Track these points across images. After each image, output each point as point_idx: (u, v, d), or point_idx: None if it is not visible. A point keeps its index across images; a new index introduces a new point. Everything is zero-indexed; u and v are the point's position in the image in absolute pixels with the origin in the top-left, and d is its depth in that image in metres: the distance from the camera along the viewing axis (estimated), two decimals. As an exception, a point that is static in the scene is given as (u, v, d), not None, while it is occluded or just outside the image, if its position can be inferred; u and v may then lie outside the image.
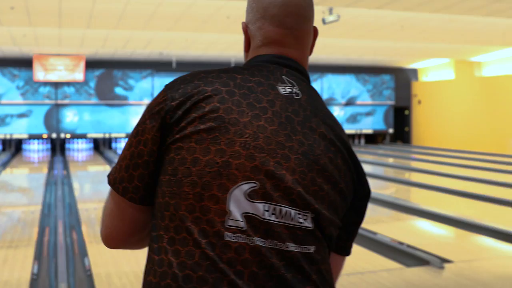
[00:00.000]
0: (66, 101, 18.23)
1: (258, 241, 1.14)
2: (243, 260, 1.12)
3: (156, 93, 18.95)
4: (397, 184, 10.93)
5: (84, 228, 6.81)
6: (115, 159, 14.71)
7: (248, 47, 1.39)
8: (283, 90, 1.25)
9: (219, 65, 19.31)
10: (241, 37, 13.86)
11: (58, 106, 18.19)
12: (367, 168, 12.96)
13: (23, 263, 5.21)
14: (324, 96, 20.77)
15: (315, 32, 1.43)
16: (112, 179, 1.27)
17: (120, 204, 1.26)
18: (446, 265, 5.06)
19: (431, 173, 12.11)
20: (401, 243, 5.85)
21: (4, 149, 17.99)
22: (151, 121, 1.22)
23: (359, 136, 21.68)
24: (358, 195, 1.33)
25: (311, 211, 1.19)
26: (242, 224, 1.14)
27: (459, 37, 14.05)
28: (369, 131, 21.57)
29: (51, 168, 13.73)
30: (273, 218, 1.15)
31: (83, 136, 18.60)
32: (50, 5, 9.79)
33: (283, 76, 1.28)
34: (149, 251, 1.22)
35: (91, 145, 19.03)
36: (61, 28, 12.12)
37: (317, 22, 10.85)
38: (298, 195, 1.17)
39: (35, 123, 17.96)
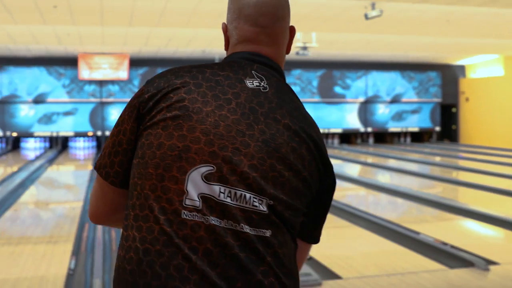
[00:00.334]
0: (110, 99, 18.45)
1: (214, 221, 1.22)
2: (198, 237, 1.21)
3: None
4: (444, 183, 10.63)
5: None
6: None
7: (228, 46, 1.48)
8: (251, 83, 1.34)
9: (262, 62, 19.21)
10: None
11: (102, 104, 18.44)
12: (412, 166, 12.68)
13: (61, 259, 5.22)
14: (369, 93, 20.48)
15: (291, 31, 1.50)
16: (97, 165, 1.39)
17: (103, 186, 1.39)
18: (492, 267, 4.84)
19: (479, 172, 11.76)
20: (445, 244, 5.64)
21: (51, 147, 18.32)
22: (129, 112, 1.35)
23: (404, 134, 21.30)
24: (324, 185, 1.39)
25: (267, 196, 1.25)
26: (198, 203, 1.23)
27: (508, 33, 13.61)
28: (415, 129, 21.15)
29: (95, 165, 13.87)
30: (228, 200, 1.23)
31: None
32: (91, 3, 9.87)
33: (253, 71, 1.37)
34: (122, 228, 1.33)
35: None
36: (104, 26, 12.24)
37: (359, 18, 10.66)
38: (254, 180, 1.24)
39: (80, 121, 18.24)
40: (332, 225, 7.02)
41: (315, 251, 5.42)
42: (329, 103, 20.26)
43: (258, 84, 1.34)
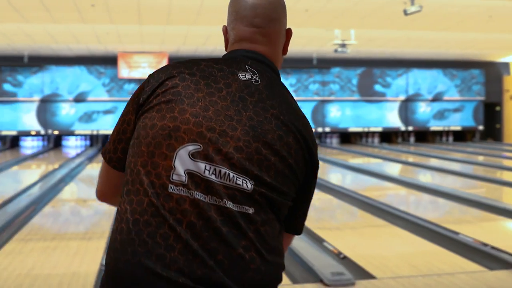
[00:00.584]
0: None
1: (198, 195, 1.30)
2: (183, 210, 1.29)
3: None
4: (487, 183, 10.33)
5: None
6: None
7: (227, 47, 1.58)
8: (243, 76, 1.42)
9: (301, 61, 19.13)
10: (323, 31, 13.68)
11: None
12: (455, 166, 12.37)
13: (93, 255, 5.23)
14: (410, 91, 20.14)
15: (288, 33, 1.59)
16: (103, 149, 1.52)
17: (107, 169, 1.52)
18: (534, 269, 4.64)
19: (523, 171, 11.41)
20: (485, 245, 5.44)
21: (91, 145, 18.56)
22: (133, 104, 1.46)
23: (446, 133, 20.88)
24: (310, 173, 1.46)
25: (250, 177, 1.32)
26: (184, 179, 1.31)
27: (555, 27, 13.19)
28: (458, 128, 20.71)
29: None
30: (213, 177, 1.31)
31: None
32: (128, 1, 9.92)
33: (247, 66, 1.45)
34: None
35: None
36: (142, 25, 12.31)
37: (398, 14, 10.45)
38: (238, 160, 1.32)
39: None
40: (368, 224, 6.89)
41: (350, 250, 5.30)
42: (369, 101, 20.01)
43: (250, 77, 1.43)
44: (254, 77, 1.43)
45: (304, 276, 4.72)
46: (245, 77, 1.42)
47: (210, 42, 15.43)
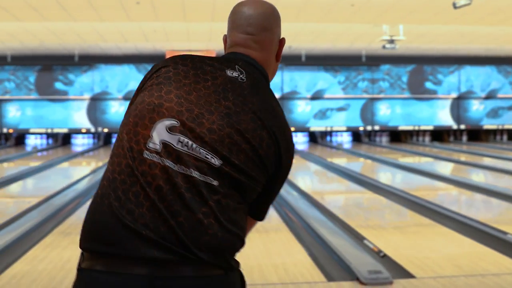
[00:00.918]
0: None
1: (168, 163, 1.45)
2: (153, 174, 1.44)
3: (285, 88, 18.97)
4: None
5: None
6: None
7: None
8: (230, 73, 1.56)
9: (350, 58, 18.88)
10: (370, 27, 13.42)
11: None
12: (510, 165, 11.91)
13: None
14: (462, 89, 19.59)
15: (281, 42, 1.71)
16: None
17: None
18: None
19: None
20: (535, 245, 5.17)
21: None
22: (137, 89, 1.63)
23: (501, 131, 20.22)
24: (279, 171, 1.57)
25: (219, 156, 1.46)
26: (158, 147, 1.46)
27: None
28: (512, 127, 20.05)
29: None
30: (185, 149, 1.46)
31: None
32: (173, -2, 9.95)
33: (236, 66, 1.59)
34: None
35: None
36: (187, 22, 12.33)
37: (448, 7, 10.12)
38: (210, 140, 1.47)
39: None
40: (414, 223, 6.68)
41: (391, 249, 5.13)
42: (420, 99, 19.56)
43: (237, 75, 1.57)
44: (241, 75, 1.57)
45: (340, 274, 4.58)
46: (232, 74, 1.56)
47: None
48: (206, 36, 14.86)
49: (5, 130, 18.17)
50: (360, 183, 9.29)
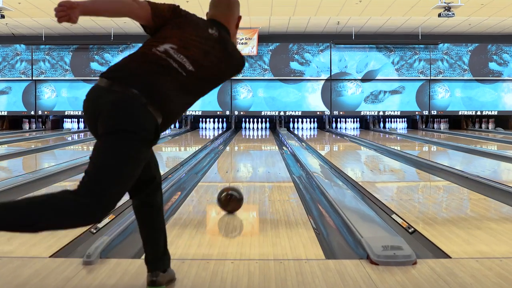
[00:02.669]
0: (239, 77, 17.59)
1: (164, 56, 2.42)
2: (156, 58, 2.42)
3: (334, 69, 17.65)
4: None
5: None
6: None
7: None
8: (211, 30, 2.58)
9: (405, 36, 17.40)
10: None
11: (231, 82, 17.64)
12: None
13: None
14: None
15: (238, 18, 2.78)
16: None
17: None
18: None
19: None
20: None
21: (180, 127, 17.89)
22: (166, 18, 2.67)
23: None
24: None
25: (196, 68, 2.48)
26: (162, 50, 2.43)
27: None
28: None
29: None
30: (175, 56, 2.43)
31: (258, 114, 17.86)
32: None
33: (211, 24, 2.63)
34: None
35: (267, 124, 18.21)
36: None
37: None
38: (191, 57, 2.48)
39: (208, 100, 17.61)
40: (462, 197, 5.35)
41: (425, 223, 3.88)
42: (483, 81, 17.86)
43: (213, 32, 2.57)
44: (215, 31, 2.58)
45: (346, 250, 3.37)
46: (211, 31, 2.57)
47: (299, 11, 14.13)
48: (244, 8, 13.74)
49: (39, 113, 17.64)
50: (415, 173, 7.95)
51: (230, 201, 4.21)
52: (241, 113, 17.78)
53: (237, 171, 7.48)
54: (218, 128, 18.00)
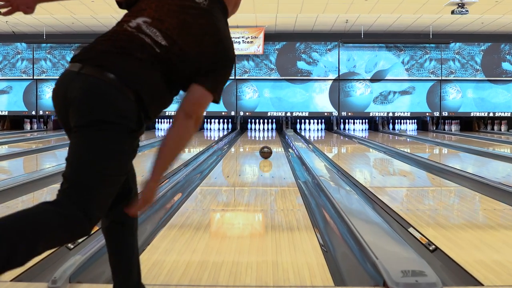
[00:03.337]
0: (244, 77, 17.15)
1: (136, 32, 2.00)
2: (128, 34, 2.00)
3: (342, 68, 17.16)
4: None
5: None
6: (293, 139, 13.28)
7: None
8: (199, 1, 2.09)
9: (415, 35, 16.90)
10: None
11: (236, 81, 17.19)
12: None
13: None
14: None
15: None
16: None
17: None
18: None
19: None
20: None
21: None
22: None
23: None
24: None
25: (168, 42, 2.01)
26: (134, 25, 2.01)
27: None
28: None
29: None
30: (147, 31, 1.99)
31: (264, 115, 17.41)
32: None
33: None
34: None
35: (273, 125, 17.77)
36: None
37: None
38: (164, 31, 2.01)
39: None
40: (485, 208, 4.86)
41: (447, 240, 3.41)
42: (496, 82, 17.32)
43: (201, 1, 2.08)
44: (205, 1, 2.08)
45: (359, 273, 2.91)
46: (200, 1, 2.08)
47: (306, 8, 13.66)
48: (250, 6, 13.29)
49: (41, 112, 17.26)
50: (430, 179, 7.47)
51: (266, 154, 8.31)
52: (247, 113, 17.34)
53: (239, 175, 7.02)
54: (223, 129, 17.56)
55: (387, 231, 3.59)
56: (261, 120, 17.71)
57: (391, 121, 17.89)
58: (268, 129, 17.65)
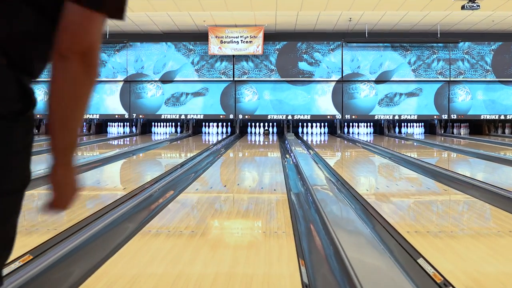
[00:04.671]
0: (244, 78, 16.44)
1: None
2: None
3: (345, 69, 16.41)
4: None
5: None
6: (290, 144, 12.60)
7: None
8: None
9: (423, 34, 16.16)
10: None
11: (235, 83, 16.49)
12: None
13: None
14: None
15: None
16: None
17: None
18: None
19: None
20: None
21: (181, 131, 16.78)
22: None
23: None
24: None
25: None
26: None
27: None
28: None
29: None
30: None
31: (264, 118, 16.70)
32: None
33: None
34: None
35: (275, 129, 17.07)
36: None
37: None
38: None
39: (211, 103, 16.51)
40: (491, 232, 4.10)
41: (464, 272, 2.66)
42: (507, 83, 16.56)
43: None
44: None
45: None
46: None
47: (307, 6, 12.92)
48: (248, 4, 12.56)
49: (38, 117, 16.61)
50: (437, 187, 6.72)
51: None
52: (246, 116, 16.63)
53: (237, 184, 6.28)
54: (222, 133, 16.87)
55: (391, 267, 2.82)
56: (261, 124, 17.01)
57: (397, 124, 17.16)
58: (268, 132, 16.96)
